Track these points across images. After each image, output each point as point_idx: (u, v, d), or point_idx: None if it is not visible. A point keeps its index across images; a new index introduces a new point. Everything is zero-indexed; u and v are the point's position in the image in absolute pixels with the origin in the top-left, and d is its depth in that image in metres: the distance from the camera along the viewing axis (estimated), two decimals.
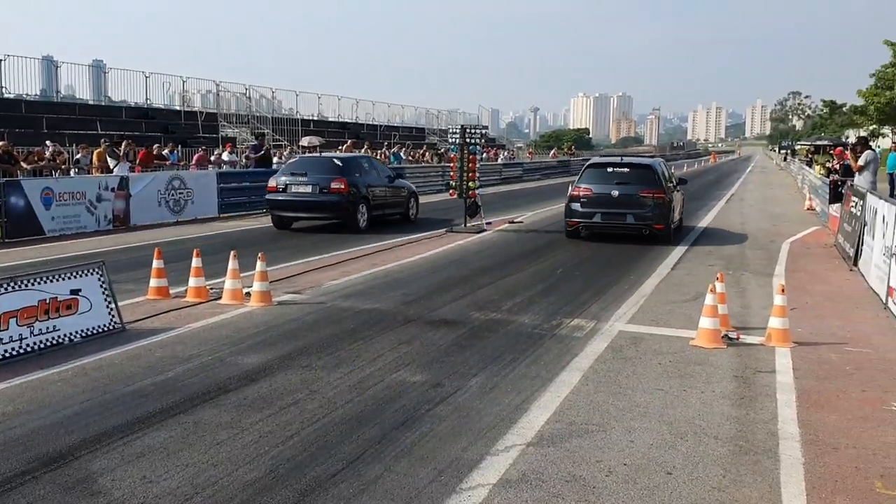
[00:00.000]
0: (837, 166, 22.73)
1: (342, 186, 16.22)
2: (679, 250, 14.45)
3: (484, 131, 18.12)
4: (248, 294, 9.25)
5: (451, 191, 17.82)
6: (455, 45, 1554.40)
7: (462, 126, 17.63)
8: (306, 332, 7.99)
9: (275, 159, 27.40)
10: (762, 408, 5.85)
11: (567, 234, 15.60)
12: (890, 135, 56.16)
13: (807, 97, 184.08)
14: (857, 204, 12.90)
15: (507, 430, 5.29)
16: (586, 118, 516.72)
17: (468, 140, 17.14)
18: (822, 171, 26.45)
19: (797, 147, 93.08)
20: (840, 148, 28.83)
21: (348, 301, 9.51)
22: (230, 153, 25.57)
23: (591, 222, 15.10)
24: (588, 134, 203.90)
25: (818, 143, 38.41)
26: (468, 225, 17.33)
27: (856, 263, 12.03)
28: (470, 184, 17.18)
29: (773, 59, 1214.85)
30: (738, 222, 20.12)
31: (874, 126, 57.30)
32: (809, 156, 37.08)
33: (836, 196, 15.81)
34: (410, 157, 36.01)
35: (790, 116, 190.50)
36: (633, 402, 5.92)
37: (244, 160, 25.50)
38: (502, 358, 7.09)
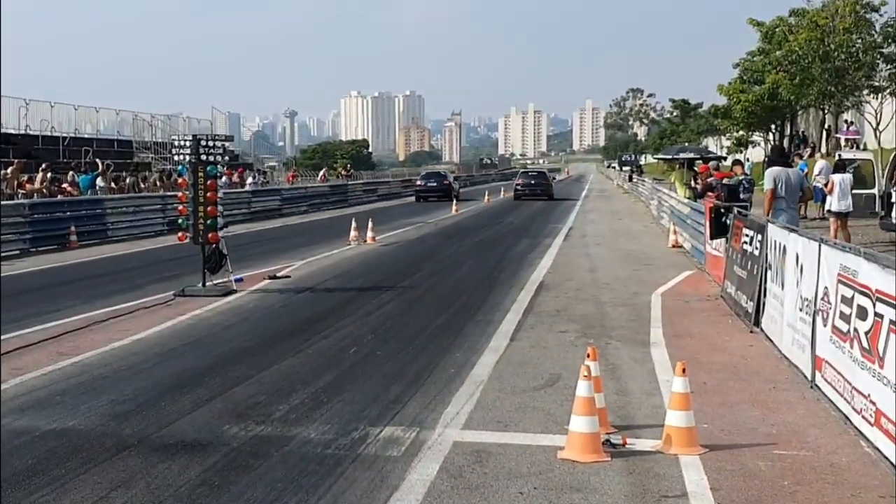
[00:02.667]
0: (709, 183, 23.73)
1: (448, 183, 60.51)
2: (516, 310, 14.64)
3: (227, 144, 17.41)
4: None
5: (180, 233, 16.95)
6: (170, 17, 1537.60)
7: (195, 136, 16.86)
8: None
9: None
10: None
11: (514, 199, 57.79)
12: (762, 143, 60.57)
13: (650, 96, 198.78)
14: (752, 239, 13.27)
15: None
16: (363, 126, 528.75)
17: (204, 157, 16.36)
18: (688, 194, 27.70)
19: (643, 162, 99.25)
20: (706, 165, 30.28)
21: (23, 418, 8.69)
22: None
23: (525, 193, 58.86)
24: (367, 147, 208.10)
25: (682, 155, 39.70)
26: (209, 284, 16.65)
27: (757, 322, 12.30)
28: (209, 222, 16.37)
29: (607, 46, 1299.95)
30: (587, 267, 20.65)
31: (741, 132, 61.49)
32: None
33: (718, 228, 16.33)
34: (114, 186, 34.32)
35: (630, 122, 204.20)
36: None
37: None
38: None
